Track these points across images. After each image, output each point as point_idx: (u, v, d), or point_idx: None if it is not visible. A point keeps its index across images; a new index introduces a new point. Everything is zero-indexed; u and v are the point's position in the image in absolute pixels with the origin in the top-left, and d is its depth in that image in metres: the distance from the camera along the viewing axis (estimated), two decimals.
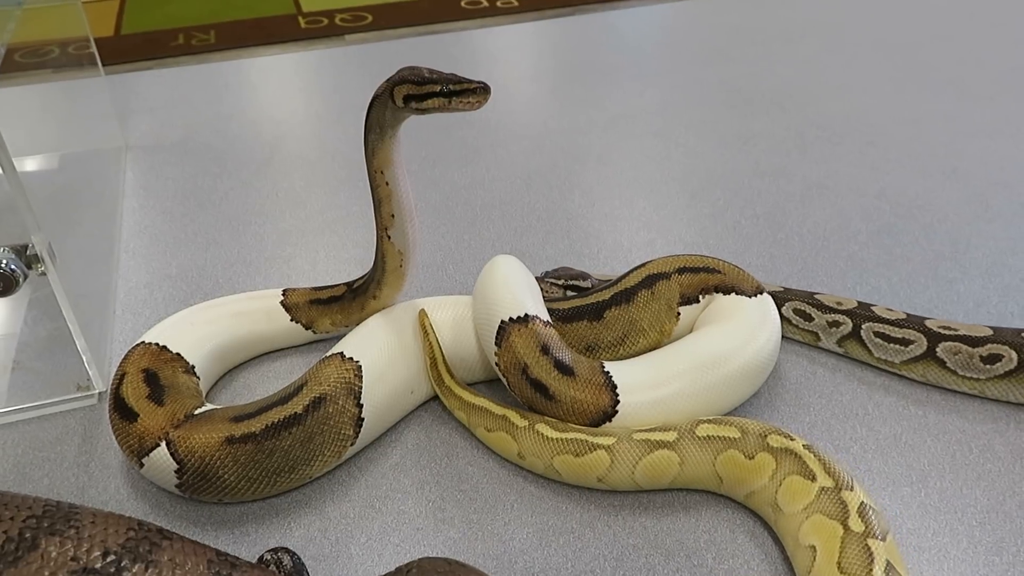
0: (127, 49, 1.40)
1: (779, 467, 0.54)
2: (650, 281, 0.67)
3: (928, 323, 0.66)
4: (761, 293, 0.67)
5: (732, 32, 1.40)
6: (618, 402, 0.59)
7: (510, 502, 0.58)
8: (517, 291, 0.63)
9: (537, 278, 0.68)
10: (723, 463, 0.56)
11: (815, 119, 1.10)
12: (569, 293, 0.69)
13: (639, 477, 0.57)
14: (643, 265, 0.69)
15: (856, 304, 0.69)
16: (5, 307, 0.78)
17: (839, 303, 0.69)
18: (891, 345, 0.66)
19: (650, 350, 0.66)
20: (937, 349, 0.64)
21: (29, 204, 0.58)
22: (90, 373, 0.67)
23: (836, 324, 0.69)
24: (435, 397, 0.67)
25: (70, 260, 0.69)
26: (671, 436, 0.57)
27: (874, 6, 1.51)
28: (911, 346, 0.65)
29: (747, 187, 0.96)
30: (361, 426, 0.60)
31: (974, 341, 0.63)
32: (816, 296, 0.70)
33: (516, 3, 1.55)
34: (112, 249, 0.86)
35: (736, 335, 0.63)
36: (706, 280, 0.68)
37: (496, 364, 0.62)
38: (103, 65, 1.29)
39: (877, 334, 0.67)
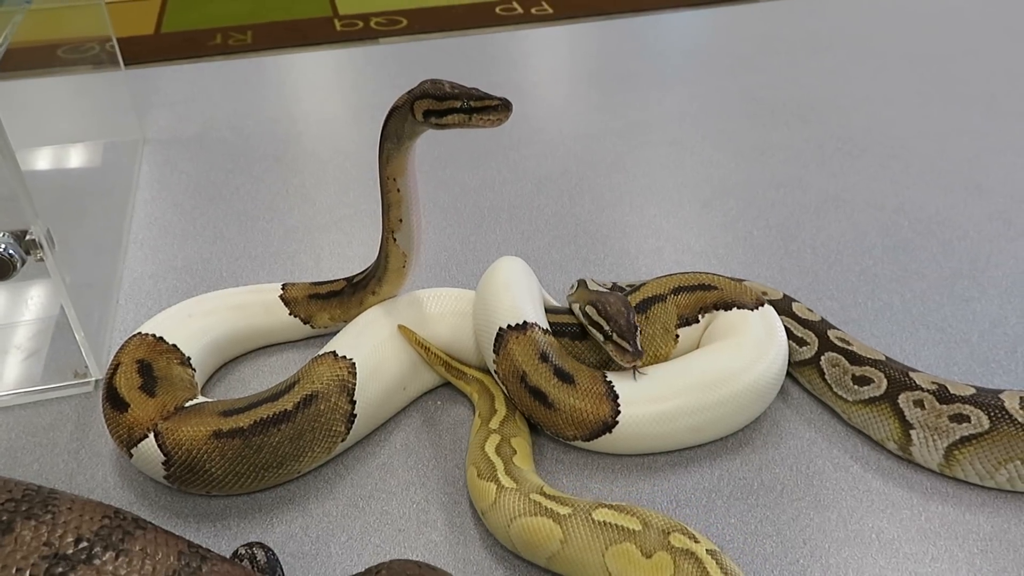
0: (166, 47, 1.41)
1: (677, 573, 0.47)
2: (645, 305, 0.65)
3: (830, 332, 0.64)
4: (762, 305, 0.65)
5: (758, 41, 1.38)
6: (619, 413, 0.58)
7: None
8: (517, 297, 0.62)
9: (582, 327, 0.64)
10: (615, 556, 0.49)
11: (836, 131, 1.08)
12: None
13: (514, 536, 0.52)
14: (638, 288, 0.67)
15: (781, 296, 0.69)
16: (7, 292, 0.78)
17: (764, 292, 0.69)
18: (789, 343, 0.65)
19: None
20: (822, 358, 0.63)
21: (28, 192, 0.59)
22: (87, 361, 0.67)
23: None
24: (427, 393, 0.67)
25: (75, 248, 0.69)
26: (564, 509, 0.51)
27: (904, 18, 1.48)
28: (804, 348, 0.64)
29: (761, 198, 0.94)
30: (353, 423, 0.60)
31: (855, 359, 0.61)
32: (744, 283, 0.70)
33: (550, 10, 1.54)
34: (120, 240, 0.87)
35: (744, 352, 0.61)
36: (703, 298, 0.66)
37: (495, 372, 0.62)
38: (138, 63, 1.31)
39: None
